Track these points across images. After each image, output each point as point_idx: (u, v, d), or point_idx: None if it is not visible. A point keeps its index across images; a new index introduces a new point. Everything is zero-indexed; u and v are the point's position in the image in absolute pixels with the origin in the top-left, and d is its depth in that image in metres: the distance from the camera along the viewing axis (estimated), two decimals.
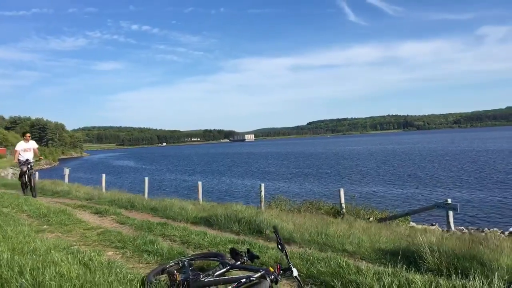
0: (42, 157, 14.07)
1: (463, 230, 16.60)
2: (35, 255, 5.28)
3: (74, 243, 6.64)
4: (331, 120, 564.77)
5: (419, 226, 16.34)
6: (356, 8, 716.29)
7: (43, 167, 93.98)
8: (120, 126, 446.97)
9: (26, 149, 13.60)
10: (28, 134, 14.15)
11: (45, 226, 8.15)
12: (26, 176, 13.48)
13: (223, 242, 6.43)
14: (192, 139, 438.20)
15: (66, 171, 22.32)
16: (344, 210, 13.70)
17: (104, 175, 20.13)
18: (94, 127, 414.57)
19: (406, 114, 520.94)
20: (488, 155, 55.90)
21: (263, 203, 14.30)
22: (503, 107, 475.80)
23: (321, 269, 4.78)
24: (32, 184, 13.47)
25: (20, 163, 13.46)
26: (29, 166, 13.32)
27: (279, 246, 3.72)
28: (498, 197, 25.20)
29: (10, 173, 42.59)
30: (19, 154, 13.54)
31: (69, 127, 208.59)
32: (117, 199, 12.06)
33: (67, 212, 9.64)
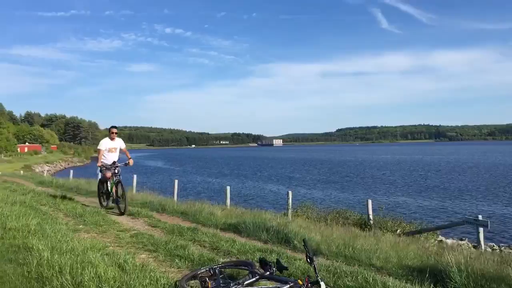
0: (131, 160, 10.80)
1: (494, 247, 16.26)
2: (73, 254, 5.51)
3: (109, 244, 6.88)
4: (361, 128, 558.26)
5: (449, 241, 16.10)
6: (390, 16, 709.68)
7: (75, 164, 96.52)
8: (151, 127, 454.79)
9: (112, 148, 10.76)
10: (114, 130, 10.97)
11: (81, 226, 8.47)
12: (108, 183, 10.62)
13: (252, 250, 6.55)
14: (221, 142, 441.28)
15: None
16: (372, 222, 13.65)
17: (135, 176, 20.58)
18: (125, 127, 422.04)
19: (438, 124, 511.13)
20: None
21: (290, 211, 14.38)
22: None
23: (348, 283, 4.85)
24: (119, 195, 10.46)
25: (105, 167, 10.58)
26: (115, 171, 10.55)
27: (308, 259, 3.80)
28: None
29: (46, 170, 43.93)
30: (103, 155, 10.67)
31: (102, 126, 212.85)
32: (148, 202, 12.37)
33: (102, 213, 9.98)
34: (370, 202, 13.99)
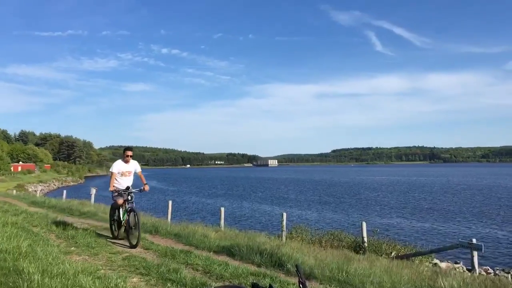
0: (147, 186, 9.68)
1: (488, 270, 16.20)
2: (63, 278, 5.45)
3: (101, 267, 6.81)
4: (356, 149, 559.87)
5: (443, 264, 16.04)
6: (384, 39, 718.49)
7: (69, 184, 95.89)
8: (146, 146, 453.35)
9: (126, 172, 9.50)
10: (130, 152, 9.62)
11: (72, 248, 8.39)
12: (120, 210, 9.33)
13: (245, 274, 6.51)
14: (216, 162, 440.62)
15: (93, 191, 22.77)
16: (366, 245, 13.58)
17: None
18: (121, 146, 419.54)
19: (432, 146, 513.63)
20: None
21: (284, 233, 14.30)
22: None
23: None
24: (132, 225, 8.95)
25: (117, 192, 9.29)
26: (129, 197, 9.25)
27: (301, 284, 3.78)
28: None
29: (39, 190, 43.60)
30: (116, 179, 9.42)
31: (96, 145, 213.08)
32: (142, 223, 12.26)
33: (94, 235, 9.90)
34: (364, 224, 13.93)
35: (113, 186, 9.30)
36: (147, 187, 9.62)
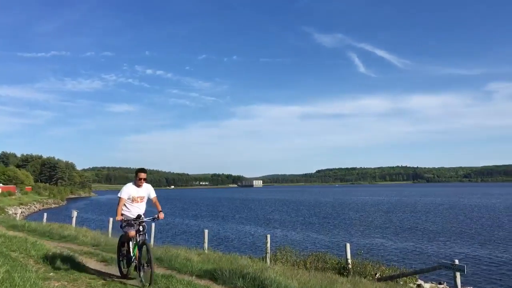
0: (161, 213, 8.01)
1: None
2: None
3: None
4: (340, 169, 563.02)
5: (427, 285, 16.12)
6: (366, 60, 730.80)
7: (51, 206, 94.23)
8: (130, 167, 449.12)
9: (137, 198, 7.88)
10: (143, 175, 7.94)
11: (51, 274, 8.19)
12: (130, 244, 7.69)
13: None
14: (201, 183, 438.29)
15: (74, 214, 22.41)
16: (350, 266, 13.56)
17: (111, 219, 20.19)
18: (104, 167, 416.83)
19: (416, 166, 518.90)
20: (495, 212, 55.21)
21: (268, 255, 14.20)
22: None
23: None
24: (145, 262, 7.37)
25: (126, 223, 7.65)
26: (140, 227, 7.60)
27: None
28: (507, 256, 24.78)
29: (19, 213, 42.73)
30: (124, 205, 7.80)
31: (79, 166, 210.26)
32: None
33: (74, 259, 9.69)
34: (348, 246, 13.93)
35: (120, 214, 7.62)
36: (162, 215, 7.98)
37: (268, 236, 14.50)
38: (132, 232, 7.59)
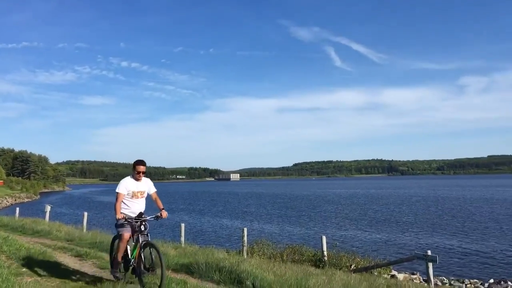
0: (164, 211, 7.10)
1: (444, 280, 16.69)
2: None
3: None
4: (317, 162, 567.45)
5: (401, 276, 16.42)
6: (343, 54, 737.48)
7: (23, 200, 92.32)
8: (105, 161, 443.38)
9: (137, 193, 7.05)
10: (142, 168, 7.06)
11: (24, 269, 8.06)
12: (128, 247, 6.88)
13: None
14: (177, 177, 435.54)
15: (48, 208, 21.96)
16: (326, 258, 13.73)
17: (86, 214, 19.90)
18: (78, 161, 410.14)
19: (390, 159, 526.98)
20: (466, 203, 56.65)
21: (245, 248, 14.24)
22: (485, 155, 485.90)
23: None
24: (149, 265, 6.56)
25: (126, 221, 6.69)
26: (142, 227, 6.69)
27: None
28: (477, 245, 25.48)
29: None
30: (123, 201, 6.94)
31: (52, 160, 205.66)
32: (98, 241, 11.95)
33: (48, 254, 9.54)
34: (324, 238, 14.09)
35: (119, 211, 6.71)
36: (165, 213, 7.10)
37: (245, 229, 14.53)
38: (128, 234, 6.73)
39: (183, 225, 15.99)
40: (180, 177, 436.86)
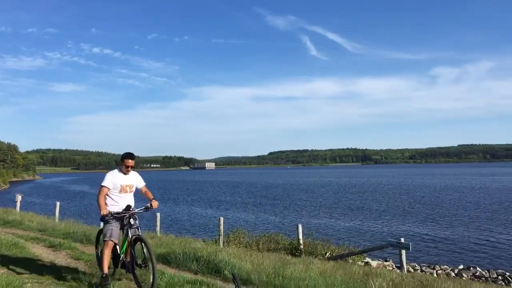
0: (155, 201, 6.56)
1: (416, 267, 17.08)
2: None
3: (27, 280, 6.44)
4: (292, 151, 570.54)
5: (374, 263, 16.72)
6: (318, 43, 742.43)
7: None
8: (77, 150, 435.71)
9: (126, 186, 6.54)
10: (131, 161, 6.58)
11: None
12: (116, 245, 6.33)
13: (181, 282, 6.38)
14: (152, 165, 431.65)
15: (18, 198, 21.46)
16: (302, 247, 13.87)
17: (58, 203, 19.55)
18: (49, 149, 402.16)
19: (364, 148, 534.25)
20: (436, 192, 58.04)
21: (221, 237, 14.26)
22: (456, 144, 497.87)
23: None
24: (139, 261, 6.13)
25: (113, 216, 6.18)
26: (131, 220, 6.23)
27: None
28: (447, 232, 26.16)
29: None
30: (110, 197, 6.46)
31: (22, 148, 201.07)
32: (72, 232, 11.74)
33: (20, 245, 9.32)
34: (300, 226, 14.23)
35: (104, 207, 6.17)
36: (155, 203, 6.59)
37: (222, 218, 14.55)
38: (111, 243, 6.16)
39: (158, 214, 15.87)
40: (154, 165, 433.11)
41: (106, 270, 6.08)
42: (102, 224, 6.93)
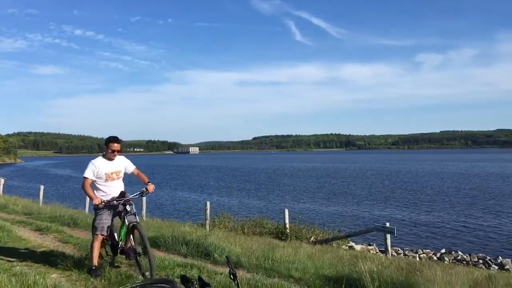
0: (151, 185, 6.43)
1: (399, 251, 17.40)
2: None
3: (16, 264, 6.42)
4: (276, 136, 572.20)
5: (358, 247, 17.01)
6: (303, 28, 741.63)
7: None
8: (59, 133, 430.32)
9: (112, 174, 6.22)
10: (116, 145, 6.23)
11: None
12: (114, 233, 6.09)
13: (171, 265, 6.44)
14: (135, 150, 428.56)
15: (1, 181, 21.20)
16: (288, 231, 14.01)
17: (42, 187, 19.35)
18: (30, 133, 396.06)
19: (348, 134, 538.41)
20: (418, 177, 58.96)
21: (208, 221, 14.31)
22: (438, 131, 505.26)
23: None
24: (139, 250, 5.94)
25: (105, 205, 5.92)
26: (127, 207, 6.00)
27: (231, 275, 3.82)
28: (428, 217, 26.65)
29: None
30: (98, 187, 6.15)
31: (3, 131, 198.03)
32: (58, 215, 11.66)
33: (6, 229, 9.24)
34: (286, 211, 14.36)
35: (95, 197, 5.91)
36: (151, 187, 6.42)
37: (208, 203, 14.57)
38: (105, 219, 5.93)
39: (144, 198, 15.83)
40: (138, 150, 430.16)
41: (95, 262, 5.94)
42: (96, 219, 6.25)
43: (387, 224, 10.95)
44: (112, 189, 6.15)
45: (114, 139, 6.25)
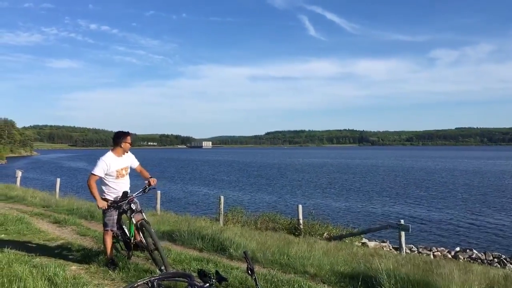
0: (153, 179, 6.35)
1: (412, 248, 17.30)
2: None
3: (35, 255, 6.53)
4: (289, 132, 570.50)
5: (371, 244, 16.92)
6: (317, 23, 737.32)
7: None
8: (74, 126, 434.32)
9: (122, 170, 6.08)
10: (129, 142, 6.16)
11: (2, 235, 7.96)
12: (125, 229, 6.13)
13: (188, 259, 6.50)
14: (148, 143, 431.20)
15: (19, 174, 21.51)
16: (302, 227, 14.01)
17: (58, 180, 19.59)
18: (46, 126, 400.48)
19: (361, 130, 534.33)
20: (433, 174, 58.36)
21: (221, 216, 14.38)
22: (453, 127, 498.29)
23: None
24: (150, 247, 5.75)
25: (112, 206, 5.88)
26: (132, 206, 5.89)
27: (249, 271, 3.85)
28: (443, 215, 26.41)
29: None
30: (107, 184, 6.01)
31: (19, 124, 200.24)
32: (76, 208, 11.85)
33: (25, 221, 9.41)
34: (300, 207, 14.36)
35: (99, 196, 5.85)
36: (153, 180, 6.32)
37: (222, 197, 14.63)
38: (113, 217, 5.93)
39: (159, 192, 15.95)
40: (151, 143, 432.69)
41: (110, 254, 6.05)
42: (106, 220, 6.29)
43: (402, 222, 10.89)
44: (121, 186, 6.07)
45: (128, 133, 6.19)
